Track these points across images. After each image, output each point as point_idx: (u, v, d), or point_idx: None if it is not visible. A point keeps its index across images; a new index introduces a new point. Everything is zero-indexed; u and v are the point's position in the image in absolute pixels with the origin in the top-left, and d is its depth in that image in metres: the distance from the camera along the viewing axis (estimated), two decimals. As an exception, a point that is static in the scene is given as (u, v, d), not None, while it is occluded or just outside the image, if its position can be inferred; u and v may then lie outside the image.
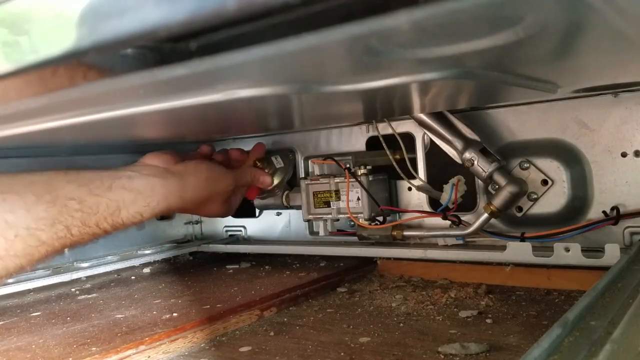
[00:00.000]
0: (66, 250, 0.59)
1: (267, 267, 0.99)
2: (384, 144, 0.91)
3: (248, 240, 1.16)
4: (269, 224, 1.13)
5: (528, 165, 0.82)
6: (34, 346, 0.64)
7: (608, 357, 0.35)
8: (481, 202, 0.86)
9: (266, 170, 0.92)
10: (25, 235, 0.54)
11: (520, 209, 0.83)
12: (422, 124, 0.84)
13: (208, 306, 0.74)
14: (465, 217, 0.84)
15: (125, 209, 0.62)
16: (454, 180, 0.85)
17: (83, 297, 0.88)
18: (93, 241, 0.61)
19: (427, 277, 0.85)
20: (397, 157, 0.91)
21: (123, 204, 0.62)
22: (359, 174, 0.89)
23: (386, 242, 0.90)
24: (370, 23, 0.27)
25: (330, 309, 0.73)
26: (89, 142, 0.93)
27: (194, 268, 1.05)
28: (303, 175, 1.03)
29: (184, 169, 0.72)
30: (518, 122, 0.83)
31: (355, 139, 0.99)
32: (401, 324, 0.65)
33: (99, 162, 1.04)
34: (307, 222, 1.02)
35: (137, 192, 0.64)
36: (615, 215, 0.73)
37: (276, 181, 0.99)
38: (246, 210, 1.11)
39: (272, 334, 0.65)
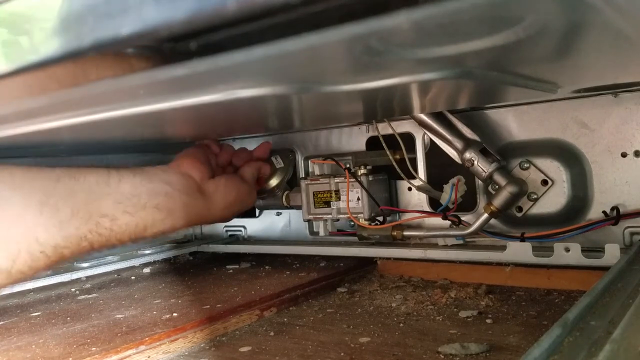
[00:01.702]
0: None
1: (267, 267, 0.99)
2: (384, 144, 0.91)
3: (248, 240, 1.16)
4: (269, 224, 1.13)
5: (528, 165, 0.82)
6: (34, 346, 0.64)
7: (608, 357, 0.35)
8: (481, 202, 0.86)
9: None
10: (51, 253, 0.54)
11: (520, 209, 0.83)
12: (422, 124, 0.84)
13: (208, 306, 0.74)
14: (465, 217, 0.84)
15: (152, 228, 0.62)
16: (454, 180, 0.85)
17: (83, 297, 0.88)
18: (108, 250, 0.61)
19: (427, 277, 0.85)
20: (397, 157, 0.91)
21: (152, 224, 0.62)
22: (359, 174, 0.89)
23: (386, 242, 0.90)
24: (370, 23, 0.27)
25: (330, 309, 0.73)
26: (89, 142, 0.93)
27: (194, 268, 1.05)
28: (303, 175, 1.03)
29: (215, 188, 0.72)
30: (518, 122, 0.83)
31: (355, 139, 0.99)
32: (401, 324, 0.65)
33: (99, 163, 1.04)
34: (307, 222, 1.02)
35: (168, 212, 0.63)
36: (615, 215, 0.73)
37: (276, 181, 0.99)
38: (246, 210, 1.11)
39: (272, 334, 0.65)
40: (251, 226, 1.16)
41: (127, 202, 0.59)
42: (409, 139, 0.91)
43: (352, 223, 0.96)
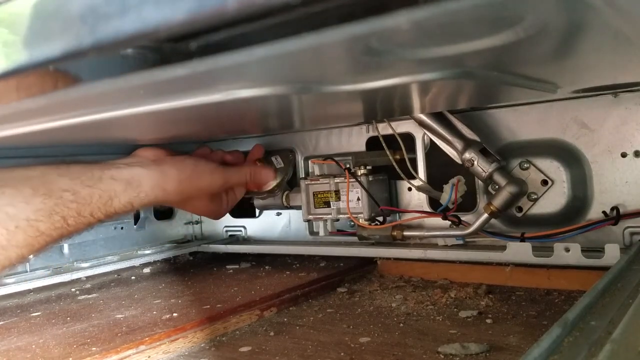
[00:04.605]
0: (63, 240, 0.61)
1: (267, 267, 0.99)
2: (384, 144, 0.91)
3: (248, 240, 1.16)
4: (269, 224, 1.13)
5: (528, 165, 0.82)
6: (34, 346, 0.64)
7: (608, 357, 0.35)
8: (481, 202, 0.86)
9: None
10: (25, 226, 0.56)
11: (520, 209, 0.83)
12: (422, 124, 0.84)
13: (208, 306, 0.74)
14: (465, 217, 0.84)
15: (117, 199, 0.64)
16: (454, 180, 0.85)
17: (83, 297, 0.88)
18: (88, 230, 0.63)
19: (427, 277, 0.85)
20: (397, 157, 0.91)
21: (114, 194, 0.64)
22: (359, 174, 0.89)
23: (386, 242, 0.90)
24: (370, 23, 0.27)
25: (330, 309, 0.73)
26: (89, 142, 0.93)
27: (194, 268, 1.05)
28: (303, 175, 1.03)
29: (169, 161, 0.74)
30: (518, 122, 0.83)
31: (355, 139, 0.99)
32: (401, 324, 0.65)
33: (99, 162, 1.04)
34: (307, 222, 1.02)
35: (126, 182, 0.66)
36: (615, 215, 0.73)
37: (276, 181, 0.99)
38: (246, 210, 1.11)
39: (272, 334, 0.65)
40: (251, 226, 1.16)
41: (83, 176, 0.62)
42: (409, 139, 0.91)
43: (352, 223, 0.96)
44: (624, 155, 0.75)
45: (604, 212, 0.76)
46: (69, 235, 0.61)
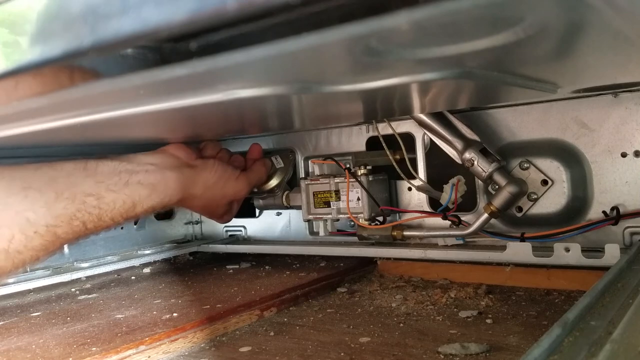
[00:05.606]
0: (79, 240, 0.61)
1: (267, 267, 0.99)
2: (384, 144, 0.91)
3: (248, 240, 1.16)
4: (269, 224, 1.13)
5: (528, 165, 0.82)
6: (34, 346, 0.64)
7: (608, 357, 0.35)
8: (481, 202, 0.86)
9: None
10: (44, 232, 0.56)
11: (520, 209, 0.83)
12: (422, 124, 0.84)
13: (208, 306, 0.74)
14: (465, 217, 0.84)
15: (140, 205, 0.64)
16: (454, 180, 0.85)
17: (83, 297, 0.88)
18: (105, 231, 0.63)
19: (427, 277, 0.85)
20: (397, 157, 0.91)
21: (138, 200, 0.64)
22: (359, 174, 0.89)
23: (386, 242, 0.90)
24: (370, 23, 0.27)
25: (330, 309, 0.73)
26: (89, 142, 0.93)
27: (194, 268, 1.05)
28: (303, 175, 1.03)
29: (201, 165, 0.73)
30: (518, 122, 0.83)
31: (355, 139, 0.99)
32: (401, 324, 0.65)
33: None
34: (307, 222, 1.02)
35: (153, 187, 0.65)
36: (615, 215, 0.73)
37: (276, 181, 0.99)
38: (246, 210, 1.11)
39: (272, 334, 0.65)
40: (251, 226, 1.16)
41: (109, 180, 0.61)
42: (409, 139, 0.91)
43: (352, 223, 0.96)
44: (624, 155, 0.75)
45: (604, 212, 0.76)
46: (85, 237, 0.60)
